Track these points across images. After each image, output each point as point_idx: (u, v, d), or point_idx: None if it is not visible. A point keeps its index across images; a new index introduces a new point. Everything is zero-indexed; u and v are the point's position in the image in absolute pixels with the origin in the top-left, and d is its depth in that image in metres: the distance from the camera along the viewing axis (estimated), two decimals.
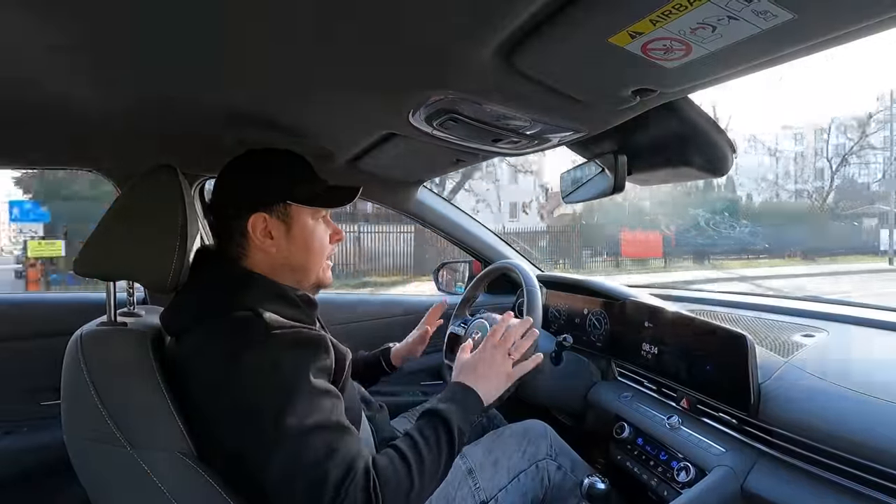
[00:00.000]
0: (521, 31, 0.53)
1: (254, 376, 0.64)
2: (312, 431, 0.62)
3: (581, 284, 1.39)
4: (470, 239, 1.59)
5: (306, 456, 0.61)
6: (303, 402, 0.63)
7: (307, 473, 0.61)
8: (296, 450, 0.61)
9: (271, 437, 0.62)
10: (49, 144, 1.02)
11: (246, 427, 0.64)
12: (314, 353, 0.69)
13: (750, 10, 0.44)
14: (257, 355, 0.65)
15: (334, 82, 0.70)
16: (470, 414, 0.76)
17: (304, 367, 0.66)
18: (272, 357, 0.65)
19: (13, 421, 1.14)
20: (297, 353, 0.67)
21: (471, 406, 0.76)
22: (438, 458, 0.69)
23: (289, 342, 0.67)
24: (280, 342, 0.66)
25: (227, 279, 0.75)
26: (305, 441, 0.62)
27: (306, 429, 0.62)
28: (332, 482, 0.60)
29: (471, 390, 0.78)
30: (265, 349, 0.65)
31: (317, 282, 0.83)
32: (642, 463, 0.99)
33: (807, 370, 0.83)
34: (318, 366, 0.68)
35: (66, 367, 0.72)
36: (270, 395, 0.63)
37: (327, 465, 0.61)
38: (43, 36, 0.57)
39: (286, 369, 0.65)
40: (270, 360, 0.65)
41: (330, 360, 0.71)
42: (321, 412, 0.64)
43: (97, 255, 0.75)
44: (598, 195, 1.11)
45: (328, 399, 0.67)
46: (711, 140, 0.86)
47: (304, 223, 0.80)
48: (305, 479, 0.61)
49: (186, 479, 0.67)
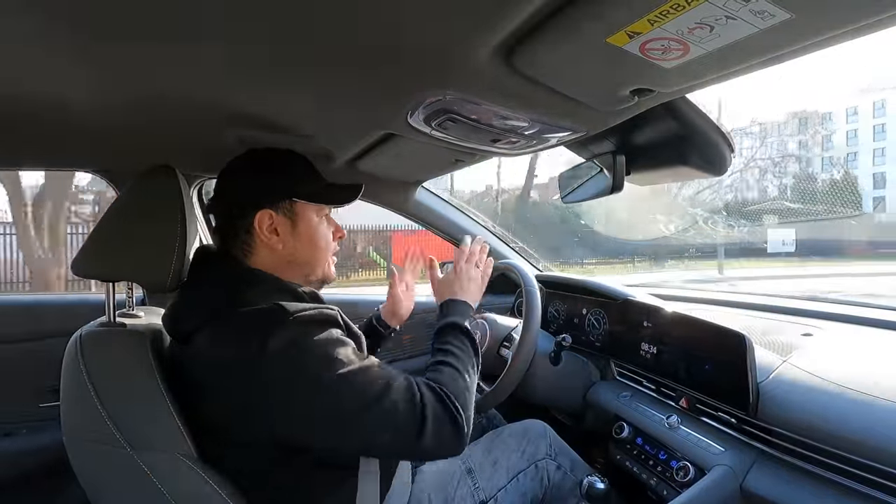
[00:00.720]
0: (520, 32, 0.53)
1: (287, 355, 0.64)
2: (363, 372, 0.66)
3: (580, 284, 1.39)
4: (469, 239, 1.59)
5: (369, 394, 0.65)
6: (343, 353, 0.67)
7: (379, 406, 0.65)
8: (357, 394, 0.65)
9: (329, 397, 0.64)
10: (47, 145, 1.02)
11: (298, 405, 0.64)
12: (333, 325, 0.71)
13: (748, 10, 0.44)
14: (283, 337, 0.65)
15: (333, 83, 0.70)
16: (468, 317, 0.88)
17: (330, 338, 0.68)
18: (299, 334, 0.66)
19: (12, 423, 1.14)
20: (322, 328, 0.69)
21: (466, 311, 0.88)
22: (469, 355, 0.80)
23: (311, 320, 0.68)
24: (305, 322, 0.67)
25: (231, 277, 0.74)
26: (360, 384, 0.65)
27: (356, 371, 0.66)
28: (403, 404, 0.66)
29: (460, 300, 0.89)
30: (290, 330, 0.65)
31: (322, 277, 0.84)
32: (641, 462, 0.99)
33: (805, 369, 0.83)
34: (342, 339, 0.70)
35: (65, 369, 0.72)
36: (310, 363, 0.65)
37: (390, 392, 0.66)
38: (40, 36, 0.57)
39: (316, 342, 0.66)
40: (298, 337, 0.66)
41: (345, 334, 0.72)
42: (360, 360, 0.68)
43: (96, 255, 0.75)
44: (596, 195, 1.11)
45: (360, 353, 0.70)
46: (709, 140, 0.86)
47: (310, 220, 0.81)
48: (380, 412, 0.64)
49: (187, 481, 0.67)
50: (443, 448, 0.69)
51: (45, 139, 0.98)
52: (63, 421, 0.72)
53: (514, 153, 0.98)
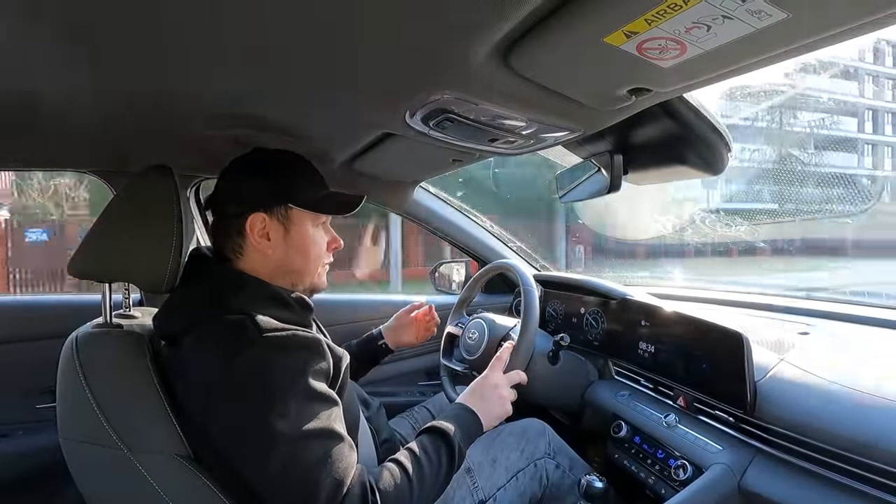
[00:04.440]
0: (517, 32, 0.53)
1: (245, 380, 0.63)
2: (306, 438, 0.61)
3: (578, 284, 1.40)
4: (467, 239, 1.59)
5: (298, 464, 0.60)
6: (297, 407, 0.62)
7: (300, 482, 0.60)
8: (288, 457, 0.60)
9: (263, 443, 0.61)
10: (42, 145, 1.01)
11: (239, 432, 0.63)
12: (309, 356, 0.67)
13: (744, 10, 0.44)
14: (249, 359, 0.63)
15: (331, 83, 0.70)
16: (471, 435, 0.80)
17: (298, 372, 0.65)
18: (265, 361, 0.64)
19: (8, 424, 1.13)
20: (292, 356, 0.66)
21: (472, 428, 0.81)
22: (438, 473, 0.72)
23: (282, 345, 0.66)
24: (273, 346, 0.65)
25: (219, 281, 0.74)
26: (298, 448, 0.61)
27: (300, 435, 0.61)
28: (325, 492, 0.59)
29: (473, 413, 0.82)
30: (257, 353, 0.64)
31: (311, 286, 0.82)
32: (640, 461, 0.99)
33: (803, 368, 0.83)
34: (314, 369, 0.67)
35: (61, 370, 0.72)
36: (262, 400, 0.62)
37: (319, 474, 0.60)
38: (35, 36, 0.56)
39: (278, 373, 0.63)
40: (262, 364, 0.63)
41: (327, 363, 0.69)
42: (317, 418, 0.63)
43: (92, 256, 0.74)
44: (594, 195, 1.11)
45: (324, 405, 0.65)
46: (707, 138, 0.86)
47: (304, 227, 0.79)
48: (297, 488, 0.60)
49: (183, 482, 0.67)
50: None
51: (41, 140, 0.98)
52: (59, 422, 0.72)
53: (513, 153, 0.98)
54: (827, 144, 9.40)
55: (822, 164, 8.27)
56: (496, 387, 0.88)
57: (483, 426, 0.82)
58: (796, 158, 7.35)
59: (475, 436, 0.81)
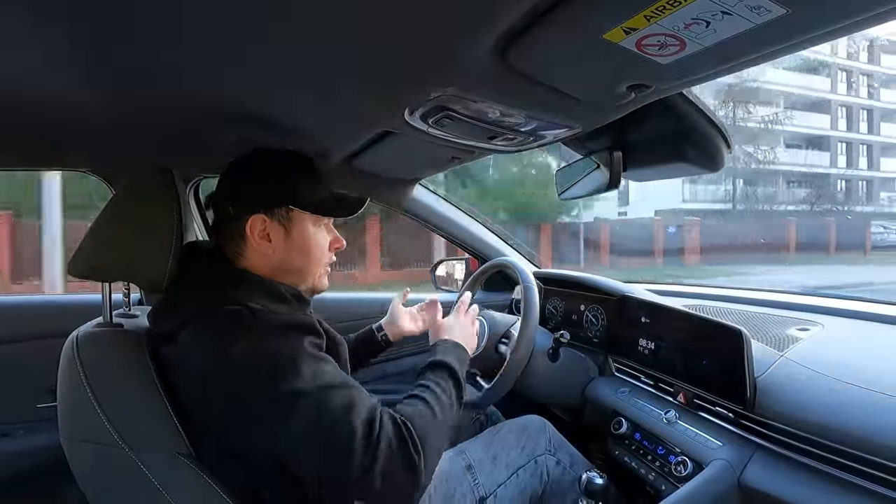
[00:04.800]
0: (516, 29, 0.52)
1: (249, 363, 0.63)
2: (327, 389, 0.62)
3: (578, 280, 1.40)
4: (467, 236, 1.59)
5: (326, 413, 0.61)
6: (308, 368, 0.63)
7: (332, 430, 0.60)
8: (314, 410, 0.61)
9: (286, 407, 0.61)
10: (42, 145, 1.01)
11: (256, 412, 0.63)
12: (305, 333, 0.68)
13: (743, 6, 0.44)
14: (248, 344, 0.63)
15: (330, 82, 0.70)
16: (463, 362, 0.84)
17: (300, 344, 0.65)
18: (264, 342, 0.64)
19: (9, 424, 1.13)
20: (289, 334, 0.66)
21: (462, 355, 0.86)
22: (451, 400, 0.75)
23: (280, 327, 0.66)
24: (272, 328, 0.65)
25: (217, 278, 0.74)
26: (321, 399, 0.61)
27: (320, 387, 0.62)
28: (360, 433, 0.60)
29: (459, 344, 0.87)
30: (255, 338, 0.64)
31: (311, 288, 0.82)
32: (640, 457, 1.00)
33: (802, 364, 0.84)
34: (315, 343, 0.68)
35: (62, 370, 0.72)
36: (272, 372, 0.62)
37: (350, 417, 0.61)
38: (36, 35, 0.56)
39: (281, 349, 0.64)
40: (262, 344, 0.64)
41: (321, 340, 0.70)
42: (328, 374, 0.65)
43: (92, 256, 0.74)
44: (593, 191, 1.11)
45: (330, 365, 0.67)
46: (706, 135, 0.86)
47: (305, 229, 0.78)
48: (331, 436, 0.60)
49: (185, 480, 0.67)
50: (389, 492, 0.62)
51: (39, 140, 0.98)
52: (60, 422, 0.72)
53: (512, 150, 0.98)
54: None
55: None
56: (456, 318, 0.95)
57: (468, 351, 0.89)
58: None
59: (467, 361, 0.87)
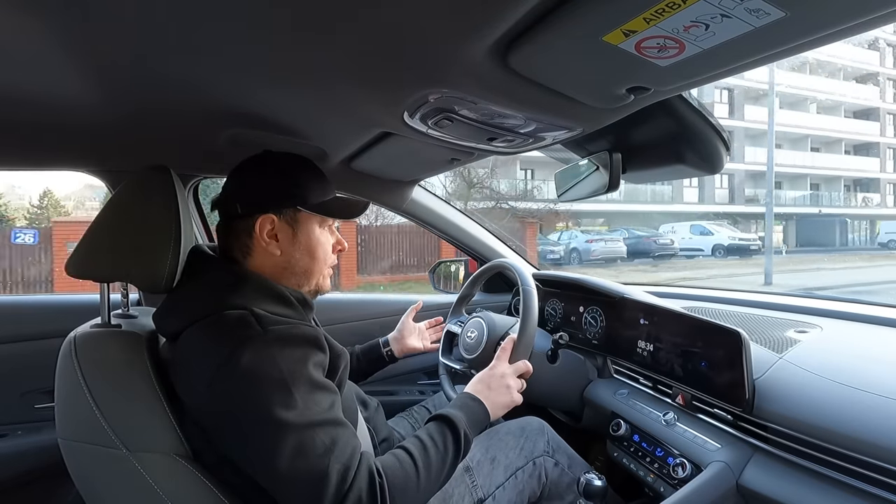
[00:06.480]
0: (516, 31, 0.53)
1: (250, 374, 0.63)
2: (312, 427, 0.63)
3: (577, 282, 1.40)
4: (466, 238, 1.59)
5: (307, 453, 0.61)
6: (301, 397, 0.63)
7: (309, 471, 0.61)
8: (296, 447, 0.61)
9: (271, 436, 0.61)
10: (41, 145, 1.01)
11: (243, 426, 0.64)
12: (309, 348, 0.69)
13: (743, 8, 0.44)
14: (253, 353, 0.64)
15: (330, 82, 0.70)
16: (477, 424, 0.80)
17: (300, 363, 0.66)
18: (267, 354, 0.65)
19: (7, 424, 1.13)
20: (294, 349, 0.67)
21: (479, 417, 0.81)
22: (444, 460, 0.72)
23: (284, 338, 0.67)
24: (275, 339, 0.66)
25: (222, 279, 0.74)
26: (306, 437, 0.62)
27: (306, 424, 0.62)
28: (334, 477, 0.60)
29: (479, 402, 0.83)
30: (260, 346, 0.65)
31: (316, 288, 0.83)
32: (638, 459, 1.00)
33: (801, 366, 0.84)
34: (314, 360, 0.68)
35: (59, 370, 0.71)
36: (268, 391, 0.63)
37: (328, 461, 0.61)
38: (36, 36, 0.56)
39: (282, 365, 0.64)
40: (266, 356, 0.64)
41: (324, 356, 0.71)
42: (319, 407, 0.65)
43: (90, 256, 0.74)
44: (592, 193, 1.11)
45: (326, 394, 0.67)
46: (705, 137, 0.87)
47: (311, 230, 0.80)
48: (308, 475, 0.61)
49: (183, 482, 0.67)
50: None
51: (39, 139, 0.97)
52: (58, 422, 0.72)
53: (511, 151, 0.98)
54: None
55: None
56: (503, 376, 0.90)
57: (490, 415, 0.83)
58: None
59: (482, 425, 0.82)
